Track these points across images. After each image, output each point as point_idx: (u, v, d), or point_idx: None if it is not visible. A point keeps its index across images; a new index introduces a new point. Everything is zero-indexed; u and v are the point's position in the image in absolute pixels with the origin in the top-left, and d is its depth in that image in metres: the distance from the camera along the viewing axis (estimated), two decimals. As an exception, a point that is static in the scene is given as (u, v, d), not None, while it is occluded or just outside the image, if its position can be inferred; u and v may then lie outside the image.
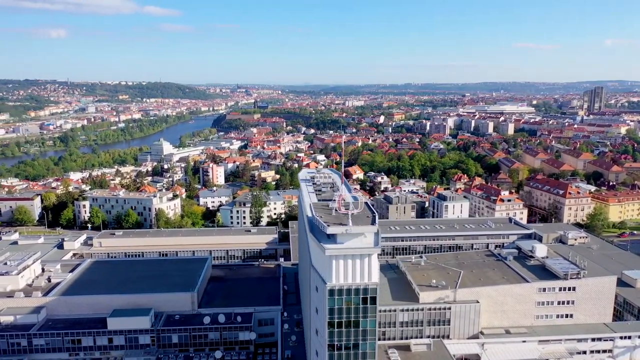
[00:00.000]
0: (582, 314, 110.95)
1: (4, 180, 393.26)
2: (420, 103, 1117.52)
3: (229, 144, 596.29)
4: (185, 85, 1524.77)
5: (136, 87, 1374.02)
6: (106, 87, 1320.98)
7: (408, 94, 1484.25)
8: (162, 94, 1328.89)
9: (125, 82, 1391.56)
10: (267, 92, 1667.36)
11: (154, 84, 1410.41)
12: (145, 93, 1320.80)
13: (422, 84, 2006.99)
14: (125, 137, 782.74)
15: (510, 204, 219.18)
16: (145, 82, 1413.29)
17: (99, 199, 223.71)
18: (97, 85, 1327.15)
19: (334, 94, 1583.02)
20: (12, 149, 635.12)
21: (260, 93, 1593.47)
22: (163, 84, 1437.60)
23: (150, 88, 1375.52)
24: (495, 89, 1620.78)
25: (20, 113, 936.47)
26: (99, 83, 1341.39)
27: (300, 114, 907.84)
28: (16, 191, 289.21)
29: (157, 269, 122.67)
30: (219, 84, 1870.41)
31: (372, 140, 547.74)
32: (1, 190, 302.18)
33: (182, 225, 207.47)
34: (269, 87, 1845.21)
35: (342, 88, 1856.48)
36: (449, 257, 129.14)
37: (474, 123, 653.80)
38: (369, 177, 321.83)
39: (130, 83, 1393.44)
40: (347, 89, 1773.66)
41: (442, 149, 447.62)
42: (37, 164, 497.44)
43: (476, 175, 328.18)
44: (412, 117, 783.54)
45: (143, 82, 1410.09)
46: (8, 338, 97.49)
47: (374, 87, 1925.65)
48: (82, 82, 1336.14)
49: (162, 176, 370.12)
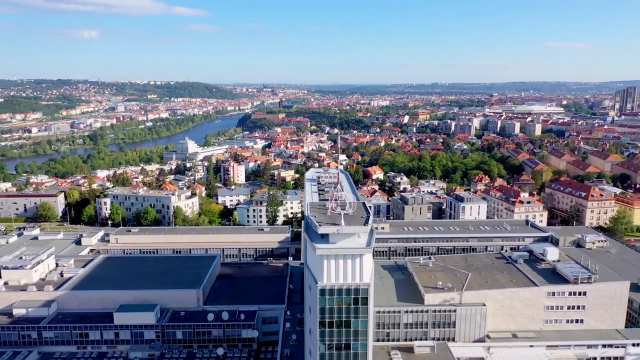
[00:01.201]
0: (593, 319, 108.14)
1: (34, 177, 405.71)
2: (446, 103, 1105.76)
3: (253, 143, 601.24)
4: (213, 85, 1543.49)
5: (164, 86, 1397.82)
6: (135, 87, 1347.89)
7: (435, 94, 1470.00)
8: (189, 94, 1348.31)
9: (154, 81, 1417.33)
10: (293, 91, 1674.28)
11: (182, 84, 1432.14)
12: (174, 92, 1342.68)
13: (450, 83, 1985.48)
14: (152, 136, 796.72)
15: (529, 206, 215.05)
16: (173, 82, 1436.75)
17: (120, 197, 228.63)
18: (127, 85, 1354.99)
19: (360, 93, 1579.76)
20: (44, 147, 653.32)
21: (286, 93, 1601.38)
22: (191, 83, 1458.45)
23: (178, 88, 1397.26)
24: (524, 88, 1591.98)
25: (52, 112, 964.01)
26: (129, 83, 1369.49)
27: (325, 113, 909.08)
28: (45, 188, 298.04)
29: (166, 265, 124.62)
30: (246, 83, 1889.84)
31: (395, 140, 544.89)
32: (29, 187, 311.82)
33: (199, 223, 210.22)
34: (295, 87, 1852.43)
35: (369, 88, 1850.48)
36: (458, 259, 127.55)
37: (500, 123, 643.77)
38: (388, 178, 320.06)
39: (159, 83, 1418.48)
40: (373, 89, 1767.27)
41: (466, 150, 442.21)
42: (66, 161, 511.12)
43: (498, 176, 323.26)
44: (437, 117, 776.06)
45: (171, 82, 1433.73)
46: (19, 330, 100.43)
47: (401, 86, 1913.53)
48: (112, 81, 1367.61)
49: (184, 174, 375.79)
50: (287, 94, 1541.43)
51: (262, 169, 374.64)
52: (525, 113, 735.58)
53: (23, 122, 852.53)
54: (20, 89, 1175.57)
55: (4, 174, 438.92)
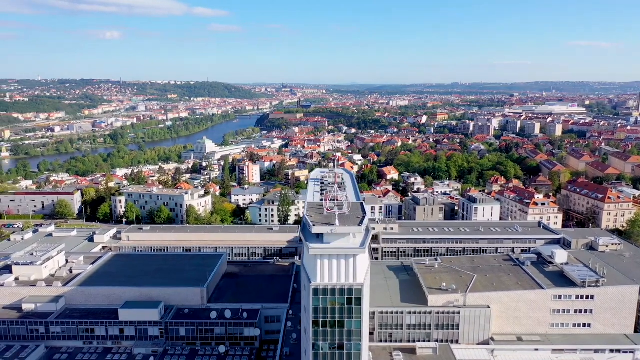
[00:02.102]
0: (600, 323, 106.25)
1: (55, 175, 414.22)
2: (466, 103, 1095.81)
3: (270, 142, 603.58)
4: (232, 85, 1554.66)
5: (185, 86, 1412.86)
6: (156, 87, 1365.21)
7: (454, 94, 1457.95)
8: (209, 94, 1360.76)
9: (175, 81, 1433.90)
10: (311, 91, 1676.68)
11: (202, 84, 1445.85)
12: (194, 92, 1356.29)
13: (470, 83, 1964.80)
14: (171, 135, 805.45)
15: (544, 208, 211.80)
16: (193, 82, 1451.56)
17: (134, 195, 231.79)
18: (148, 84, 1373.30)
19: (379, 93, 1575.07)
20: (66, 146, 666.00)
21: (305, 92, 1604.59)
22: (210, 83, 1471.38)
23: (198, 87, 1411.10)
24: (546, 88, 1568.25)
25: (75, 111, 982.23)
26: (150, 82, 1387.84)
27: (343, 113, 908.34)
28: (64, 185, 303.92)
29: (173, 263, 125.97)
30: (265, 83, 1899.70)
31: (412, 141, 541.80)
32: (48, 184, 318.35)
33: (211, 221, 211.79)
34: (314, 87, 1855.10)
35: (388, 88, 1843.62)
36: (464, 260, 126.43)
37: (519, 124, 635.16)
38: (403, 178, 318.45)
39: (179, 82, 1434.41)
40: (392, 89, 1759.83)
41: (483, 150, 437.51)
42: (87, 160, 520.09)
43: (515, 177, 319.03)
44: (456, 117, 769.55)
45: (191, 82, 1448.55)
46: (28, 324, 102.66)
47: (420, 86, 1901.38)
48: (134, 81, 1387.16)
49: (199, 174, 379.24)
50: (305, 94, 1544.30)
51: (277, 168, 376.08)
52: (546, 113, 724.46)
53: (47, 121, 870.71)
54: (45, 89, 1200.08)
55: (25, 172, 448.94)
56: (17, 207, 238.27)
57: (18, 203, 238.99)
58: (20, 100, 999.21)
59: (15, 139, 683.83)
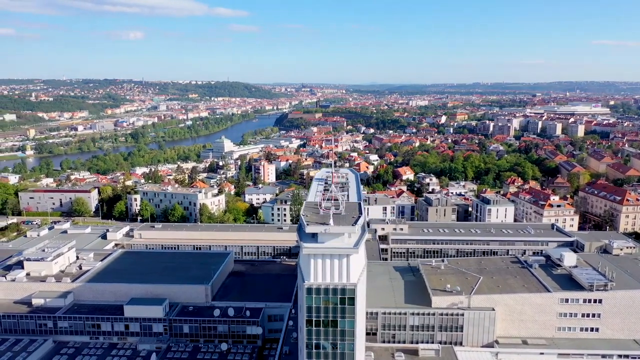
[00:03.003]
0: (609, 328, 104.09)
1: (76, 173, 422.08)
2: (487, 103, 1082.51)
3: (288, 142, 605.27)
4: (252, 85, 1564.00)
5: (205, 86, 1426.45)
6: (177, 86, 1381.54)
7: (475, 94, 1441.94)
8: (229, 93, 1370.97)
9: (195, 81, 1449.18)
10: (331, 91, 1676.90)
11: (222, 84, 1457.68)
12: (214, 92, 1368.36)
13: (491, 83, 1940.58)
14: (191, 135, 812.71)
15: (559, 210, 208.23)
16: (214, 82, 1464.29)
17: (149, 193, 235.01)
18: (169, 84, 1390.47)
19: (399, 93, 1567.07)
20: (88, 144, 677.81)
21: (324, 92, 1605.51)
22: (231, 83, 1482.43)
23: (219, 87, 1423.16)
24: (570, 88, 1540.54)
25: (98, 110, 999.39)
26: (171, 82, 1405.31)
27: (362, 113, 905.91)
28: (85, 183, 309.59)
29: (180, 261, 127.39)
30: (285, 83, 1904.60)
31: (430, 141, 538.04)
32: (67, 182, 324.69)
33: (223, 220, 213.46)
34: (334, 87, 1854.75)
35: (408, 87, 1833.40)
36: (471, 262, 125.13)
37: (540, 124, 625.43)
38: (418, 178, 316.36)
39: (200, 82, 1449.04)
40: (412, 88, 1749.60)
41: (502, 151, 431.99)
42: (108, 158, 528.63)
43: (532, 178, 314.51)
44: (476, 117, 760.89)
45: (212, 82, 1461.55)
46: (36, 319, 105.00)
47: (441, 86, 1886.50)
48: (155, 81, 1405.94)
49: (216, 173, 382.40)
50: (325, 94, 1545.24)
51: (293, 168, 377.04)
52: (568, 114, 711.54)
53: (70, 121, 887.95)
54: (69, 89, 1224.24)
55: (48, 170, 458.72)
56: (36, 204, 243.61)
57: (37, 200, 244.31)
58: (45, 99, 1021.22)
59: (39, 138, 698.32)
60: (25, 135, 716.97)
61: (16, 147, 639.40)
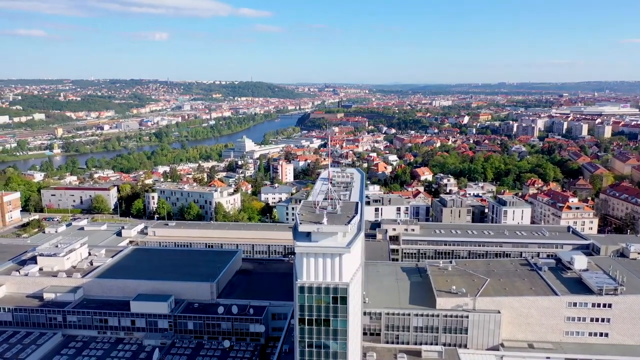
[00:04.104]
0: (619, 333, 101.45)
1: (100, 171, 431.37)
2: (512, 103, 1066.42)
3: (309, 142, 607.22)
4: (275, 85, 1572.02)
5: (229, 86, 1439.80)
6: (202, 86, 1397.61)
7: (500, 94, 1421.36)
8: (252, 93, 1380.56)
9: (219, 81, 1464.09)
10: (354, 91, 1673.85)
11: (246, 84, 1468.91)
12: (237, 92, 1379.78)
13: (517, 83, 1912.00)
14: (214, 134, 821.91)
15: (578, 212, 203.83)
16: (237, 82, 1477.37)
17: (166, 192, 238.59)
18: (194, 84, 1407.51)
19: (422, 93, 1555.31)
20: (113, 143, 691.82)
21: (347, 92, 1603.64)
22: (254, 83, 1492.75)
23: (242, 87, 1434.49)
24: (599, 88, 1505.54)
25: (124, 110, 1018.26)
26: (195, 82, 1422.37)
27: (384, 113, 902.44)
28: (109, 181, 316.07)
29: (189, 258, 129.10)
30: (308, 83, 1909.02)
31: (452, 141, 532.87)
32: (90, 180, 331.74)
33: (238, 219, 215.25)
34: (357, 87, 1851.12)
35: (432, 87, 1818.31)
36: (479, 263, 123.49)
37: (566, 125, 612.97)
38: (436, 179, 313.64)
39: (224, 82, 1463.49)
40: (436, 88, 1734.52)
41: (524, 152, 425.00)
42: (132, 157, 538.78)
43: (554, 180, 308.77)
44: (500, 118, 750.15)
45: (235, 82, 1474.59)
46: (47, 313, 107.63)
47: (465, 86, 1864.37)
48: (180, 81, 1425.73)
49: (235, 172, 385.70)
50: (348, 94, 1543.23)
51: (311, 167, 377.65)
52: (595, 114, 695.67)
53: (97, 120, 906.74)
54: (97, 89, 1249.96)
55: (73, 168, 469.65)
56: (58, 201, 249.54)
57: (58, 198, 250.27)
58: (73, 99, 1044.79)
59: (67, 137, 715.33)
60: (53, 134, 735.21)
61: (44, 146, 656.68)
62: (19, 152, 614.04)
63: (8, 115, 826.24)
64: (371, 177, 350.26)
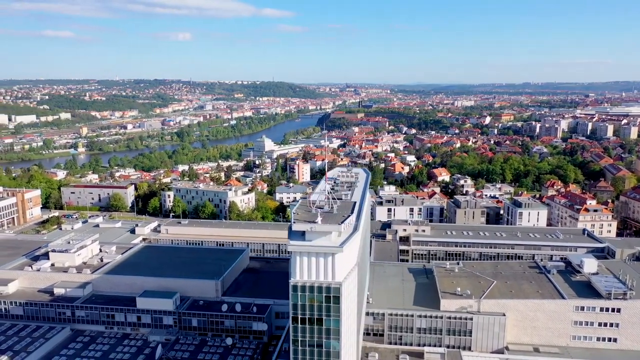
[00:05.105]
0: (628, 339, 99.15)
1: (122, 170, 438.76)
2: (536, 104, 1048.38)
3: (328, 142, 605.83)
4: (297, 85, 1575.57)
5: (251, 86, 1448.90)
6: (224, 86, 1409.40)
7: (525, 94, 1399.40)
8: (274, 93, 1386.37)
9: (241, 81, 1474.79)
10: (375, 91, 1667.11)
11: (267, 83, 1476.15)
12: (259, 92, 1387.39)
13: (542, 83, 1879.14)
14: (234, 134, 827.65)
15: (596, 215, 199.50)
16: (259, 82, 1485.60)
17: (182, 190, 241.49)
18: (216, 84, 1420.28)
19: (445, 93, 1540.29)
20: (136, 142, 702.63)
21: (369, 92, 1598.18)
22: (275, 83, 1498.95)
23: (264, 87, 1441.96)
24: (627, 88, 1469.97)
25: (147, 110, 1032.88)
26: (218, 82, 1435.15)
27: (404, 113, 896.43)
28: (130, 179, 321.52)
29: (197, 256, 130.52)
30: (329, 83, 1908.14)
31: (472, 142, 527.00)
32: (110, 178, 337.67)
33: (252, 218, 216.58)
34: (379, 87, 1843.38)
35: (454, 88, 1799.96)
36: (487, 265, 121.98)
37: (590, 126, 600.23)
38: (453, 180, 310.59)
39: (246, 82, 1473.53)
40: (459, 89, 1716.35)
41: (545, 153, 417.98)
42: (153, 156, 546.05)
43: (574, 182, 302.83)
44: (522, 118, 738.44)
45: (257, 82, 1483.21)
46: (56, 307, 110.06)
47: (489, 86, 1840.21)
48: (203, 81, 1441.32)
49: (252, 171, 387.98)
50: (369, 94, 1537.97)
51: (329, 168, 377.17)
52: (622, 115, 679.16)
53: (121, 119, 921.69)
54: (121, 89, 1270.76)
55: (96, 167, 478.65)
56: (77, 199, 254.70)
57: (78, 195, 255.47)
58: (98, 99, 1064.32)
59: (91, 136, 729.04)
60: (78, 133, 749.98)
61: (69, 145, 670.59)
62: (45, 151, 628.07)
63: (35, 114, 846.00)
64: (388, 177, 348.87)
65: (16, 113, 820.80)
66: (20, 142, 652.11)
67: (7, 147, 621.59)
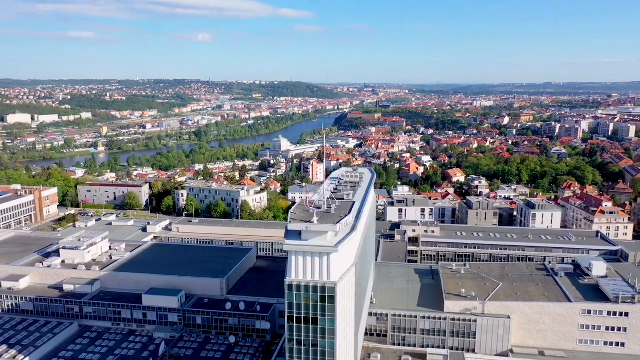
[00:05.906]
0: (636, 343, 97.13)
1: (140, 169, 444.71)
2: (556, 104, 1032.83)
3: (345, 142, 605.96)
4: (314, 85, 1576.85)
5: (269, 86, 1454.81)
6: (242, 86, 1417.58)
7: (546, 94, 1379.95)
8: (292, 93, 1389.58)
9: (260, 81, 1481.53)
10: (394, 91, 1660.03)
11: (285, 84, 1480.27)
12: (277, 92, 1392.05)
13: (564, 83, 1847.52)
14: (252, 134, 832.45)
15: (612, 217, 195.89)
16: (277, 82, 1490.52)
17: (195, 189, 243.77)
18: (234, 84, 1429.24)
19: (464, 93, 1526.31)
20: (154, 142, 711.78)
21: (387, 92, 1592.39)
22: (294, 83, 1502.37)
23: (282, 87, 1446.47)
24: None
25: (166, 109, 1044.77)
26: (236, 82, 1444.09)
27: (422, 113, 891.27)
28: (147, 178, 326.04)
29: (204, 255, 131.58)
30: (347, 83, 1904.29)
31: (489, 142, 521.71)
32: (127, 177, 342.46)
33: (263, 217, 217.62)
34: (397, 87, 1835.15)
35: (474, 87, 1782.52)
36: (494, 267, 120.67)
37: (612, 126, 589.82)
38: (468, 181, 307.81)
39: (264, 82, 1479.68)
40: (478, 89, 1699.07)
41: (563, 154, 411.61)
42: (171, 155, 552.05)
43: (592, 183, 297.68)
44: (542, 119, 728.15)
45: (275, 82, 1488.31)
46: (65, 303, 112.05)
47: (509, 86, 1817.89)
48: (221, 81, 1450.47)
49: (267, 171, 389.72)
50: (388, 94, 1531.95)
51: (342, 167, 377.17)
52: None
53: (140, 119, 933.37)
54: (142, 89, 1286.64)
55: (114, 165, 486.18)
56: (93, 197, 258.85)
57: (93, 193, 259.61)
58: (118, 99, 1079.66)
59: (111, 135, 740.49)
60: (98, 132, 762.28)
61: (90, 144, 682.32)
62: (66, 150, 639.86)
63: (58, 114, 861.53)
64: (402, 177, 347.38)
65: (39, 113, 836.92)
66: (42, 141, 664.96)
67: (30, 145, 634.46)
